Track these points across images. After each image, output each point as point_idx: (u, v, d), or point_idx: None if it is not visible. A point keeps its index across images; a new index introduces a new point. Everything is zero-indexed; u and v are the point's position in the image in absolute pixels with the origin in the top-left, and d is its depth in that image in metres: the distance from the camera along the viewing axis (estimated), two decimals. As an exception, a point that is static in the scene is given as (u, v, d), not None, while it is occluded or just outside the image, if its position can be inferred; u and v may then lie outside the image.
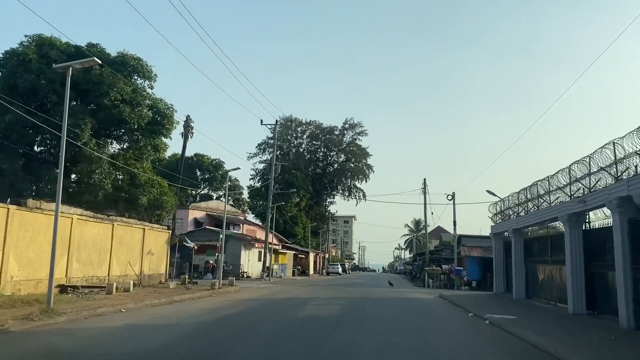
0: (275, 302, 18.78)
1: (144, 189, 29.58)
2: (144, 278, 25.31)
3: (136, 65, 29.70)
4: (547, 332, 11.92)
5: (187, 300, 18.94)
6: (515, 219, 22.45)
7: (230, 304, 17.53)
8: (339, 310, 16.32)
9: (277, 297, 21.53)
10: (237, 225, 49.14)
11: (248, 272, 40.76)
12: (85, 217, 20.34)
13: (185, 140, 41.98)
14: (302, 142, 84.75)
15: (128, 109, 27.85)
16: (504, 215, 25.64)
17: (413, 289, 35.55)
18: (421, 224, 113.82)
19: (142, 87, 30.13)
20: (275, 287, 29.38)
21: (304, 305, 17.47)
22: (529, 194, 20.84)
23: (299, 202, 78.15)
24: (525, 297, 22.36)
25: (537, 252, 21.35)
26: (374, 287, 33.86)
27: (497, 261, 26.51)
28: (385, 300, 22.14)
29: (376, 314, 15.39)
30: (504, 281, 26.26)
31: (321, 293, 24.92)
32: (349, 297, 23.05)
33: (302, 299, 20.52)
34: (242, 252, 40.36)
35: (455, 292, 31.32)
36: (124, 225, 23.41)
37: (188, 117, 42.12)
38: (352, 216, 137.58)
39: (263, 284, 33.37)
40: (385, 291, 29.77)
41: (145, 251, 25.30)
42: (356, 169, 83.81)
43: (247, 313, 14.56)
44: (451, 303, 21.27)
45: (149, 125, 30.03)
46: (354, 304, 19.18)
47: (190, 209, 45.85)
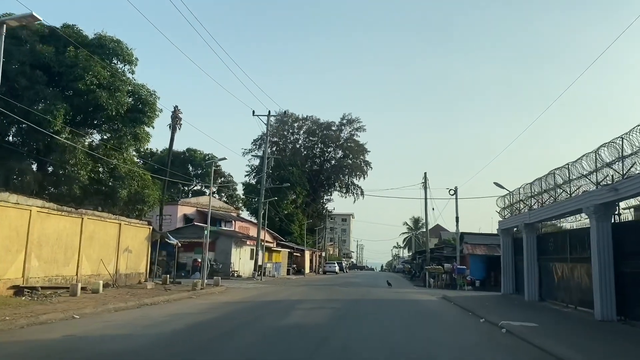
0: (259, 306, 16.54)
1: (124, 182, 27.32)
2: (120, 278, 23.05)
3: (115, 47, 27.40)
4: (582, 346, 9.69)
5: (160, 303, 16.69)
6: (528, 213, 20.23)
7: (206, 308, 15.28)
8: (330, 316, 14.08)
9: (263, 299, 19.28)
10: (229, 222, 46.86)
11: (239, 271, 38.51)
12: (48, 210, 18.03)
13: (173, 132, 39.52)
14: (298, 137, 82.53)
15: (105, 95, 25.56)
16: (513, 209, 23.45)
17: (413, 289, 33.35)
18: (420, 222, 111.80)
19: (121, 72, 27.85)
20: (265, 288, 27.14)
21: (291, 310, 15.22)
22: (545, 184, 18.61)
23: (295, 199, 75.96)
24: (539, 298, 20.16)
25: (552, 249, 19.13)
26: (371, 287, 31.63)
27: (506, 259, 24.31)
28: (384, 303, 19.90)
29: (374, 322, 13.14)
30: (512, 281, 24.06)
31: (313, 294, 22.68)
32: (343, 299, 20.83)
33: (291, 302, 18.27)
34: (233, 249, 38.10)
35: (459, 292, 29.12)
36: (95, 219, 21.10)
37: (176, 108, 39.68)
38: (350, 214, 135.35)
39: (253, 283, 31.14)
40: (384, 292, 27.55)
41: (121, 248, 23.03)
42: (354, 165, 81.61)
43: (220, 320, 12.31)
44: (457, 306, 19.04)
45: (130, 113, 27.77)
46: (349, 307, 16.94)
47: (179, 204, 43.59)
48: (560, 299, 18.11)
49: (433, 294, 26.35)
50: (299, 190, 73.93)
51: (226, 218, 46.81)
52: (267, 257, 44.95)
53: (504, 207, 24.31)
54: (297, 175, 72.88)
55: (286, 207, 70.82)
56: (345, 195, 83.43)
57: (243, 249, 39.76)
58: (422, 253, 52.27)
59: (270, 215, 67.94)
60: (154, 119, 29.15)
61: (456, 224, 36.40)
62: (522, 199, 21.31)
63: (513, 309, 17.46)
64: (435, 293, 27.61)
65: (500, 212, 24.81)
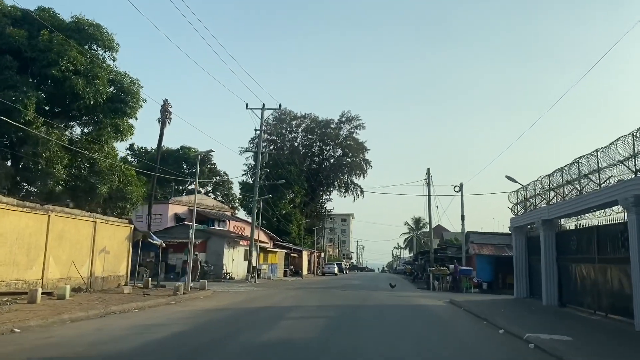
0: (243, 315, 14.35)
1: (104, 177, 25.16)
2: (96, 281, 20.88)
3: (94, 32, 25.24)
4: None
5: (130, 311, 14.53)
6: (547, 208, 18.03)
7: (180, 317, 13.10)
8: (322, 328, 11.89)
9: (250, 305, 17.10)
10: (222, 221, 44.68)
11: (232, 273, 36.33)
12: (5, 205, 15.87)
13: (162, 127, 37.45)
14: (296, 136, 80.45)
15: (82, 82, 23.38)
16: (527, 205, 21.27)
17: (416, 292, 31.15)
18: (421, 222, 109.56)
19: (101, 58, 25.70)
20: (257, 291, 24.96)
21: (278, 320, 13.04)
22: (567, 174, 16.41)
23: (293, 199, 73.86)
24: (559, 304, 17.97)
25: (575, 248, 16.95)
26: (372, 291, 29.42)
27: (519, 260, 22.12)
28: (386, 309, 17.71)
29: (375, 336, 10.96)
30: (526, 284, 21.87)
31: (308, 299, 20.49)
32: (341, 304, 18.65)
33: (281, 309, 16.11)
34: (226, 250, 35.93)
35: (466, 296, 26.90)
36: (65, 216, 18.90)
37: (166, 102, 37.60)
38: (349, 214, 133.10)
39: (245, 286, 28.95)
40: (386, 296, 25.36)
41: (97, 249, 20.85)
42: (353, 164, 79.48)
43: (188, 335, 10.13)
44: (469, 313, 16.85)
45: (110, 103, 25.62)
46: (346, 316, 14.75)
47: (170, 203, 41.43)
48: (586, 305, 15.92)
49: (439, 298, 24.17)
50: (297, 189, 71.79)
51: (220, 217, 44.64)
52: (262, 258, 42.78)
53: (517, 203, 22.12)
54: (295, 174, 70.76)
55: (284, 207, 68.76)
56: (345, 194, 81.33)
57: (236, 250, 37.58)
58: (424, 253, 50.06)
59: (268, 215, 65.88)
60: (137, 110, 26.98)
61: (462, 223, 34.25)
62: (539, 193, 19.10)
63: (533, 317, 15.29)
64: (441, 297, 25.42)
65: (513, 209, 22.63)
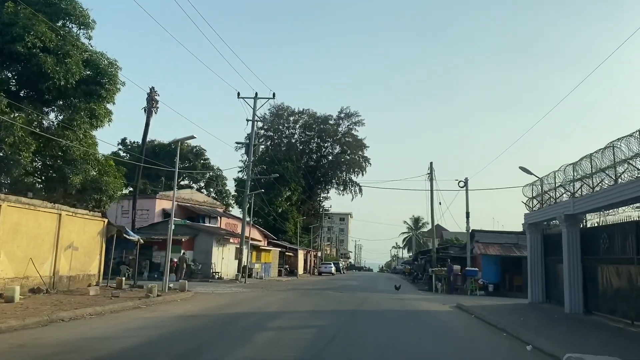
0: (218, 323, 11.97)
1: (77, 166, 22.74)
2: (61, 281, 18.51)
3: (67, 7, 22.81)
4: None
5: (84, 317, 12.17)
6: (571, 201, 15.66)
7: (140, 326, 10.73)
8: (309, 344, 9.51)
9: (230, 310, 14.73)
10: (213, 218, 42.26)
11: (221, 273, 33.95)
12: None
13: (148, 116, 35.10)
14: (294, 132, 78.11)
15: (51, 60, 20.98)
16: (544, 199, 18.94)
17: (418, 294, 28.80)
18: (421, 221, 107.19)
19: (75, 36, 23.28)
20: (244, 293, 22.59)
21: (256, 331, 10.67)
22: (600, 161, 14.04)
23: (290, 196, 71.59)
24: (584, 310, 15.64)
25: (606, 247, 14.59)
26: (370, 293, 27.05)
27: (534, 261, 19.77)
28: (388, 317, 15.33)
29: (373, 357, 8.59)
30: (542, 287, 19.52)
31: (299, 303, 18.10)
32: (334, 310, 16.29)
33: (264, 316, 13.74)
34: (215, 248, 33.54)
35: (473, 299, 24.58)
36: (21, 207, 16.47)
37: (152, 90, 35.24)
38: (348, 213, 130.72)
39: (233, 287, 26.57)
40: (386, 299, 23.01)
41: (62, 245, 18.48)
42: (352, 161, 77.17)
43: (130, 356, 7.77)
44: (482, 322, 14.50)
45: (84, 85, 23.22)
46: (340, 325, 12.36)
47: (157, 198, 38.99)
48: (621, 313, 13.56)
49: (443, 302, 21.83)
50: (294, 186, 69.51)
51: (210, 214, 42.22)
52: (254, 256, 40.41)
53: (533, 197, 19.77)
54: (292, 171, 68.46)
55: (280, 205, 66.52)
56: (343, 192, 79.11)
57: (227, 248, 35.19)
58: (425, 253, 47.70)
59: (264, 213, 63.55)
60: (115, 94, 24.53)
61: (466, 220, 31.83)
62: (562, 184, 16.71)
63: (559, 327, 12.95)
64: (445, 300, 23.08)
65: (527, 203, 20.27)
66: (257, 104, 33.96)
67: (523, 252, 31.08)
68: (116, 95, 24.75)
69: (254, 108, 33.91)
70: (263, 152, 72.22)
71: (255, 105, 33.92)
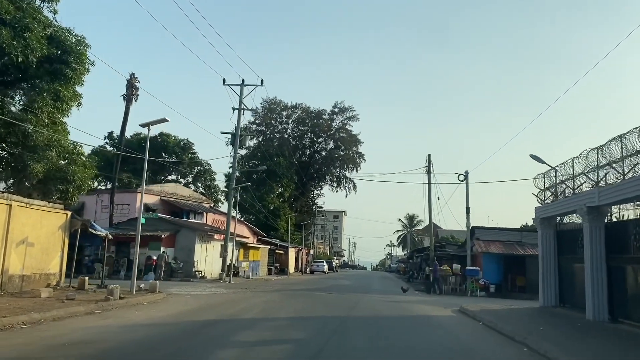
0: (175, 336, 9.65)
1: (38, 153, 20.37)
2: (12, 281, 16.19)
3: (28, -24, 20.46)
4: None
5: (14, 327, 9.89)
6: (596, 191, 13.46)
7: (68, 341, 8.42)
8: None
9: (199, 317, 12.43)
10: (199, 213, 39.87)
11: (205, 272, 31.63)
12: None
13: (127, 104, 32.73)
14: (287, 127, 75.76)
15: (7, 33, 18.59)
16: (559, 190, 16.77)
17: (415, 295, 26.61)
18: (416, 219, 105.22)
19: (37, 8, 20.88)
20: (224, 295, 20.29)
21: (220, 348, 8.38)
22: (631, 143, 11.84)
23: (282, 193, 69.33)
24: (609, 318, 13.47)
25: (638, 245, 12.44)
26: (363, 294, 24.80)
27: (546, 260, 17.61)
28: (383, 325, 13.05)
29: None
30: (555, 290, 17.37)
31: (282, 307, 15.82)
32: (322, 315, 14.04)
33: (237, 324, 11.46)
34: (197, 245, 31.21)
35: (475, 301, 22.42)
36: (-42, 196, 14.18)
37: (132, 76, 32.86)
38: (342, 211, 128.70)
39: (214, 287, 24.26)
40: (380, 301, 20.78)
41: (12, 240, 16.14)
42: (346, 157, 74.93)
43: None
44: (493, 331, 12.28)
45: (47, 64, 20.88)
46: (326, 337, 10.09)
47: (139, 192, 36.48)
48: (659, 323, 11.42)
49: (444, 304, 19.63)
50: (286, 182, 67.23)
51: (196, 209, 39.83)
52: (242, 254, 38.12)
53: (546, 188, 17.59)
54: (285, 167, 66.19)
55: (272, 201, 64.25)
56: (337, 189, 76.94)
57: (211, 245, 32.86)
58: (421, 251, 45.56)
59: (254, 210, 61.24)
60: (84, 74, 22.17)
61: (466, 216, 29.64)
62: (585, 172, 14.50)
63: (589, 340, 10.76)
64: (446, 302, 20.89)
65: (539, 196, 18.09)
66: (244, 92, 31.68)
67: (527, 250, 28.97)
68: (85, 76, 22.41)
69: (240, 95, 31.61)
70: (255, 148, 69.90)
71: (242, 92, 31.62)
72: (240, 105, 31.61)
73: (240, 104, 31.60)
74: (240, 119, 31.55)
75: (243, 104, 31.70)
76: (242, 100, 31.64)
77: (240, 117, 31.55)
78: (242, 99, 31.66)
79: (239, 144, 31.61)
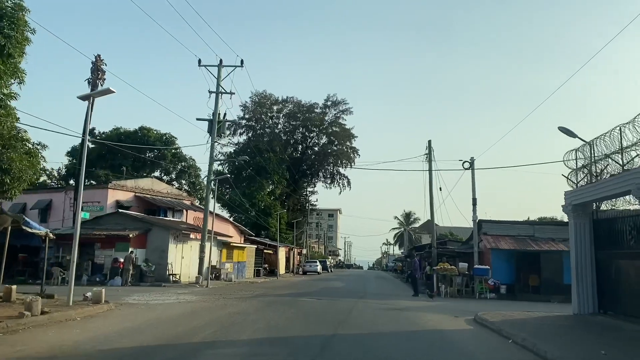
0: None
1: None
2: None
3: None
4: None
5: None
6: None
7: None
8: None
9: (129, 343, 8.88)
10: (178, 211, 36.28)
11: (181, 275, 28.07)
12: None
13: (92, 89, 29.10)
14: (278, 122, 72.22)
15: None
16: (593, 170, 13.39)
17: (417, 300, 23.18)
18: (412, 217, 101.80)
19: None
20: (188, 304, 16.71)
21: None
22: None
23: (273, 190, 65.86)
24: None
25: None
26: (357, 299, 21.30)
27: (580, 256, 14.21)
28: (381, 345, 9.59)
29: None
30: (592, 293, 13.99)
31: (249, 323, 12.24)
32: (298, 335, 10.55)
33: (172, 356, 7.98)
34: (172, 246, 27.64)
35: (487, 306, 19.00)
36: None
37: (97, 58, 29.28)
38: (337, 209, 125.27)
39: (186, 294, 20.68)
40: (377, 311, 17.30)
41: None
42: (339, 152, 71.54)
43: None
44: (537, 357, 8.85)
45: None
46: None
47: (110, 188, 32.95)
48: None
49: (453, 311, 16.20)
50: (277, 178, 63.77)
51: (175, 206, 36.24)
52: (225, 255, 34.58)
53: (580, 168, 14.18)
54: (275, 163, 62.71)
55: (262, 199, 60.80)
56: (330, 185, 73.53)
57: (188, 245, 29.27)
58: (420, 249, 42.12)
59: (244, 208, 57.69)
60: (24, 45, 18.49)
61: (473, 208, 26.17)
62: (636, 143, 11.10)
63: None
64: (455, 308, 17.46)
65: (570, 177, 14.68)
66: (222, 73, 28.19)
67: (541, 246, 25.63)
68: (25, 46, 18.80)
69: (217, 77, 28.12)
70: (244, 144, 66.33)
71: (220, 74, 28.14)
72: (218, 88, 28.09)
73: (218, 87, 28.10)
74: (218, 103, 28.01)
75: (221, 86, 28.19)
76: (220, 82, 28.13)
77: (217, 101, 28.01)
78: (219, 81, 28.16)
79: (216, 131, 28.02)
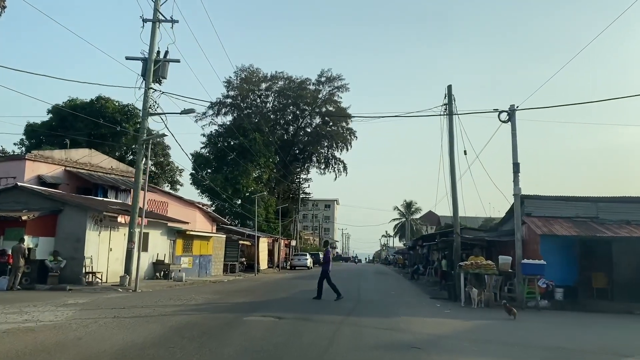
0: None
1: None
2: None
3: None
4: None
5: None
6: None
7: None
8: None
9: None
10: (123, 191, 28.08)
11: (107, 273, 20.04)
12: None
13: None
14: (266, 101, 64.02)
15: None
16: None
17: (436, 309, 15.08)
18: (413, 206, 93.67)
19: None
20: (34, 334, 8.59)
21: None
22: None
23: (260, 176, 57.87)
24: None
25: None
26: (343, 317, 13.00)
27: None
28: None
29: None
30: None
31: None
32: None
33: None
34: (92, 233, 19.57)
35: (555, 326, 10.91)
36: None
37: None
38: (334, 200, 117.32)
39: (70, 307, 12.58)
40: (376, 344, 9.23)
41: None
42: (334, 133, 63.42)
43: None
44: None
45: None
46: None
47: (28, 159, 24.83)
48: None
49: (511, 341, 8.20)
50: (264, 162, 55.74)
51: (119, 185, 28.03)
52: (181, 247, 26.50)
53: None
54: (262, 144, 54.64)
55: (248, 185, 52.89)
56: (325, 170, 65.47)
57: (120, 233, 21.17)
58: (430, 238, 33.84)
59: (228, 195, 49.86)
60: None
61: (514, 176, 17.90)
62: None
63: None
64: (507, 331, 9.42)
65: None
66: None
67: (614, 231, 17.52)
68: None
69: (155, 1, 19.92)
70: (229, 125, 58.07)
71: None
72: (156, 15, 19.89)
73: (155, 13, 19.90)
74: (155, 35, 19.83)
75: (159, 12, 19.96)
76: (159, 6, 19.95)
77: (155, 32, 19.83)
78: (158, 6, 19.97)
79: (154, 74, 19.86)
